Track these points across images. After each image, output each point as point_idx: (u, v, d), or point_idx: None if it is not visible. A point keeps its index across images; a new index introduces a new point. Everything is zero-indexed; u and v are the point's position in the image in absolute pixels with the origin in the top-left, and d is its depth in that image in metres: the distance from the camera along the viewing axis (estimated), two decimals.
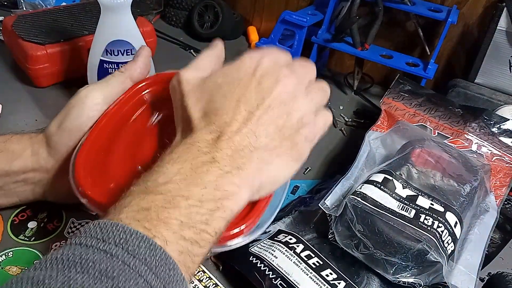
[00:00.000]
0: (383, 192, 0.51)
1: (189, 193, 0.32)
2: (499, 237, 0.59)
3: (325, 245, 0.51)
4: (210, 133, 0.37)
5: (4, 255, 0.51)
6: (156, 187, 0.32)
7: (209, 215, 0.32)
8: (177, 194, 0.32)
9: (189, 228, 0.31)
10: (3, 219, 0.55)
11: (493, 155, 0.61)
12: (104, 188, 0.42)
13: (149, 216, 0.30)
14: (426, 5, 0.80)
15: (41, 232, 0.54)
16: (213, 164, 0.34)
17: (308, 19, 0.81)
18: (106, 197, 0.40)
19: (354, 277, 0.48)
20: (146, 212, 0.31)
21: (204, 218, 0.32)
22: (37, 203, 0.58)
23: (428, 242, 0.46)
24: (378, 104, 0.76)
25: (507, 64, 0.77)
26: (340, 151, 0.75)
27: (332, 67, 1.00)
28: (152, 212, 0.30)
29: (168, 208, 0.31)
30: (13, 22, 0.74)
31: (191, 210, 0.32)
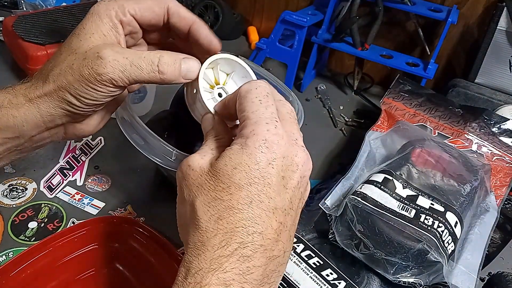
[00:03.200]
0: (383, 192, 0.51)
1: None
2: (499, 237, 0.59)
3: (326, 245, 0.51)
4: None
5: (5, 255, 0.51)
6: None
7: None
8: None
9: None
10: (4, 219, 0.55)
11: (493, 155, 0.61)
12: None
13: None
14: (426, 5, 0.80)
15: (42, 232, 0.54)
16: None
17: (308, 19, 0.81)
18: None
19: (354, 277, 0.48)
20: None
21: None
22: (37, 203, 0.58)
23: (428, 242, 0.46)
24: (378, 104, 0.76)
25: (507, 64, 0.77)
26: (340, 151, 0.75)
27: (332, 67, 1.00)
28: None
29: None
30: (14, 23, 0.74)
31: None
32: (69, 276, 0.48)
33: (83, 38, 0.40)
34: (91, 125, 0.45)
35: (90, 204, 0.59)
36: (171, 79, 0.40)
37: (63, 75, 0.39)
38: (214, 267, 0.29)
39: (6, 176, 0.61)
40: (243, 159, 0.32)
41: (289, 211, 0.33)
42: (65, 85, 0.39)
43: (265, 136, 0.32)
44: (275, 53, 0.85)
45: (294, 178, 0.33)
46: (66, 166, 0.64)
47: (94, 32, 0.40)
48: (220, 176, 0.32)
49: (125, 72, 0.38)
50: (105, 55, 0.38)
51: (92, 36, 0.40)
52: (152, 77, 0.39)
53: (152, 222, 0.57)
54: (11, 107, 0.40)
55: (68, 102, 0.40)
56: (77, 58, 0.39)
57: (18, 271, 0.46)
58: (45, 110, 0.40)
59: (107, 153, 0.68)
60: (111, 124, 0.71)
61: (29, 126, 0.40)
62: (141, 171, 0.65)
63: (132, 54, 0.39)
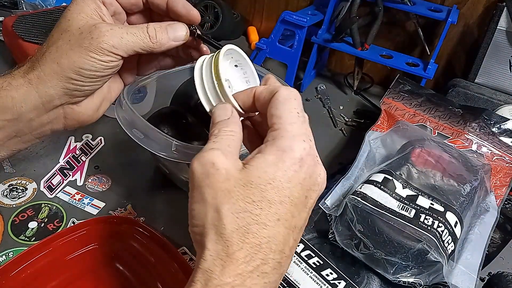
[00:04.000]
0: (383, 192, 0.51)
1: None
2: (499, 237, 0.59)
3: (325, 245, 0.51)
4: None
5: (5, 255, 0.51)
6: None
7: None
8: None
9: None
10: (4, 219, 0.55)
11: (493, 155, 0.61)
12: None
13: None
14: (426, 5, 0.80)
15: (42, 232, 0.54)
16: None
17: (308, 19, 0.81)
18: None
19: (354, 276, 0.48)
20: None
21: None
22: (37, 203, 0.58)
23: (428, 241, 0.46)
24: (378, 104, 0.76)
25: (507, 64, 0.77)
26: (340, 151, 0.75)
27: (332, 67, 1.00)
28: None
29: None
30: (14, 23, 0.74)
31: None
32: (69, 276, 0.48)
33: (71, 18, 0.41)
34: (90, 108, 0.46)
35: (90, 204, 0.59)
36: (162, 42, 0.42)
37: (60, 51, 0.40)
38: (237, 283, 0.29)
39: (6, 176, 0.61)
40: (277, 175, 0.32)
41: (302, 229, 0.34)
42: (64, 60, 0.40)
43: (301, 155, 0.33)
44: (275, 53, 0.85)
45: (314, 197, 0.34)
46: (66, 166, 0.64)
47: (81, 12, 0.41)
48: (252, 188, 0.31)
49: (122, 39, 0.40)
50: (101, 26, 0.40)
51: (79, 15, 0.41)
52: (146, 43, 0.42)
53: (152, 222, 0.57)
54: (10, 88, 0.41)
55: (68, 78, 0.41)
56: (72, 34, 0.41)
57: (18, 271, 0.46)
58: (43, 90, 0.41)
59: (107, 153, 0.68)
60: (111, 124, 0.71)
61: (28, 107, 0.41)
62: (141, 171, 0.65)
63: (124, 26, 0.43)
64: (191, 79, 0.63)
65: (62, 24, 0.42)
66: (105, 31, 0.40)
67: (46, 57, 0.41)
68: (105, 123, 0.71)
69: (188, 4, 0.45)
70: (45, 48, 0.41)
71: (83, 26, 0.41)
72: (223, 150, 0.33)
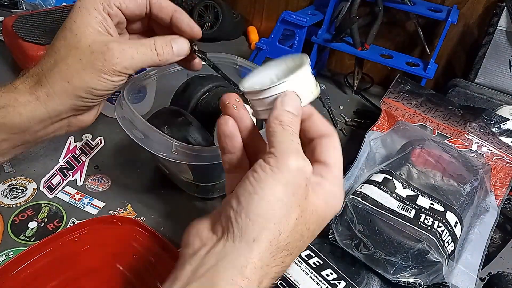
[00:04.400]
0: (383, 192, 0.51)
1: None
2: (499, 237, 0.59)
3: (326, 245, 0.51)
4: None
5: (5, 255, 0.51)
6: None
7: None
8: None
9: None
10: (4, 219, 0.55)
11: (493, 155, 0.61)
12: None
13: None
14: (426, 5, 0.80)
15: (42, 232, 0.54)
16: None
17: (308, 19, 0.81)
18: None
19: (354, 276, 0.48)
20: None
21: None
22: (37, 203, 0.58)
23: (428, 242, 0.46)
24: (378, 104, 0.76)
25: (507, 64, 0.77)
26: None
27: (332, 67, 1.00)
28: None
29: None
30: (13, 23, 0.74)
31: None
32: (69, 276, 0.48)
33: (78, 33, 0.41)
34: (92, 115, 0.47)
35: (90, 204, 0.59)
36: (167, 58, 0.43)
37: (71, 71, 0.40)
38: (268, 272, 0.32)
39: (6, 176, 0.61)
40: (327, 215, 0.35)
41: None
42: (76, 80, 0.40)
43: (341, 199, 0.36)
44: (275, 53, 0.85)
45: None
46: (66, 166, 0.64)
47: (88, 25, 0.41)
48: (313, 216, 0.34)
49: (133, 59, 0.41)
50: (113, 46, 0.40)
51: (86, 30, 0.41)
52: (154, 60, 0.43)
53: (152, 222, 0.57)
54: (17, 105, 0.40)
55: (79, 97, 0.41)
56: (82, 53, 0.40)
57: (18, 271, 0.46)
58: (52, 107, 0.41)
59: (107, 153, 0.68)
60: (111, 124, 0.71)
61: (35, 122, 0.41)
62: (141, 171, 0.65)
63: (133, 43, 0.42)
64: (191, 79, 0.63)
65: (69, 38, 0.41)
66: (118, 52, 0.40)
67: (56, 74, 0.40)
68: (105, 123, 0.71)
69: (191, 21, 0.45)
70: (52, 62, 0.41)
71: (93, 44, 0.40)
72: (308, 162, 0.35)
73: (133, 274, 0.50)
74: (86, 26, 0.41)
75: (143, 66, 0.42)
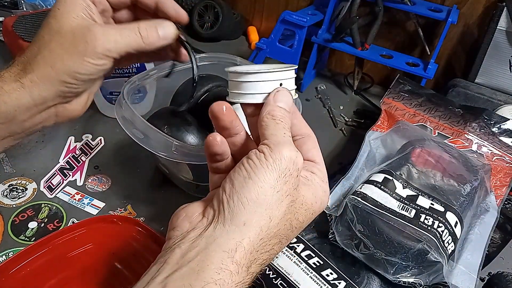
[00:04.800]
0: (383, 192, 0.51)
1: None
2: (499, 237, 0.59)
3: (326, 245, 0.51)
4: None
5: (5, 255, 0.51)
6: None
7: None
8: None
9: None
10: (4, 219, 0.55)
11: (493, 155, 0.61)
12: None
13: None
14: (426, 5, 0.80)
15: (42, 232, 0.54)
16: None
17: (308, 19, 0.81)
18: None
19: (354, 277, 0.48)
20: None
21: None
22: (37, 203, 0.58)
23: (428, 242, 0.46)
24: (378, 104, 0.76)
25: (507, 64, 0.77)
26: (340, 151, 0.75)
27: (332, 67, 1.00)
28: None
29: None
30: (14, 23, 0.74)
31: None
32: (68, 274, 0.48)
33: (61, 19, 0.41)
34: (80, 104, 0.46)
35: (90, 204, 0.59)
36: (151, 41, 0.43)
37: (54, 55, 0.40)
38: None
39: (6, 176, 0.61)
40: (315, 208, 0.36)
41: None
42: (59, 65, 0.40)
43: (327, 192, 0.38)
44: (275, 53, 0.85)
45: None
46: (66, 166, 0.64)
47: (71, 11, 0.41)
48: (302, 207, 0.35)
49: (116, 42, 0.41)
50: (95, 29, 0.40)
51: (69, 16, 0.41)
52: (138, 43, 0.42)
53: (152, 222, 0.57)
54: (2, 93, 0.40)
55: (63, 82, 0.41)
56: (65, 37, 0.40)
57: (17, 269, 0.46)
58: (37, 94, 0.41)
59: (107, 153, 0.68)
60: (111, 124, 0.71)
61: (21, 110, 0.41)
62: (141, 171, 0.65)
63: (117, 27, 0.42)
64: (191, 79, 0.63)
65: (53, 24, 0.41)
66: (100, 35, 0.40)
67: (39, 60, 0.40)
68: (105, 123, 0.71)
69: (176, 5, 0.45)
70: (36, 49, 0.41)
71: (75, 28, 0.41)
72: (299, 152, 0.36)
73: (132, 273, 0.50)
74: (69, 13, 0.41)
75: (128, 49, 0.42)
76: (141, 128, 0.51)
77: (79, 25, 0.41)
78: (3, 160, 0.63)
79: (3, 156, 0.64)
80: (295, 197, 0.34)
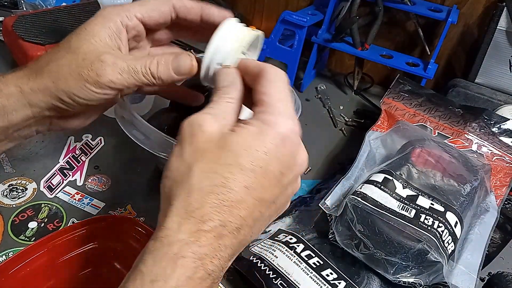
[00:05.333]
0: (383, 192, 0.51)
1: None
2: (499, 237, 0.59)
3: (326, 245, 0.51)
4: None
5: (5, 255, 0.51)
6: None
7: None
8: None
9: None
10: (4, 219, 0.55)
11: (493, 155, 0.61)
12: None
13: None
14: (426, 5, 0.80)
15: (42, 232, 0.54)
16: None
17: (308, 19, 0.81)
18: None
19: (354, 277, 0.48)
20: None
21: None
22: (37, 203, 0.58)
23: (428, 242, 0.46)
24: (378, 104, 0.76)
25: (507, 64, 0.77)
26: (340, 151, 0.75)
27: (332, 67, 1.00)
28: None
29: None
30: (14, 23, 0.74)
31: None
32: (68, 275, 0.48)
33: (83, 39, 0.40)
34: (77, 120, 0.46)
35: (90, 204, 0.59)
36: (163, 77, 0.41)
37: (60, 72, 0.40)
38: (191, 240, 0.30)
39: (6, 176, 0.61)
40: (256, 144, 0.32)
41: (272, 205, 0.34)
42: (61, 82, 0.40)
43: (286, 132, 0.33)
44: (275, 53, 0.85)
45: (290, 177, 0.34)
46: (66, 166, 0.64)
47: (96, 35, 0.40)
48: (227, 151, 0.32)
49: (123, 74, 0.39)
50: (105, 58, 0.39)
51: (93, 39, 0.40)
52: (147, 78, 0.40)
53: (152, 222, 0.57)
54: (1, 96, 0.40)
55: (60, 99, 0.40)
56: (76, 58, 0.40)
57: (17, 269, 0.46)
58: (35, 103, 0.41)
59: (107, 153, 0.68)
60: (111, 124, 0.71)
61: (18, 115, 0.41)
62: (141, 171, 0.65)
63: (130, 58, 0.41)
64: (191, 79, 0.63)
65: (72, 42, 0.41)
66: (107, 64, 0.39)
67: (45, 73, 0.40)
68: (105, 123, 0.71)
69: (221, 11, 0.44)
70: (47, 60, 0.41)
71: (89, 52, 0.40)
72: (215, 115, 0.34)
73: None
74: (93, 36, 0.40)
75: (134, 83, 0.40)
76: (141, 129, 0.51)
77: (94, 50, 0.40)
78: (3, 160, 0.63)
79: (3, 156, 0.64)
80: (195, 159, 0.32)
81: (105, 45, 0.41)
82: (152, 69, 0.40)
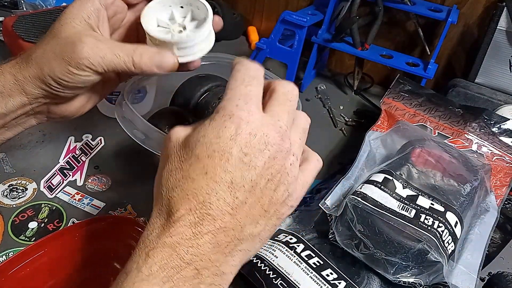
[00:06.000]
0: (383, 192, 0.51)
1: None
2: (499, 237, 0.59)
3: (326, 245, 0.51)
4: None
5: (5, 255, 0.51)
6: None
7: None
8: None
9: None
10: (4, 219, 0.55)
11: (493, 155, 0.61)
12: None
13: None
14: (426, 5, 0.80)
15: (42, 232, 0.54)
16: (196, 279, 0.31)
17: (308, 19, 0.81)
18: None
19: (354, 277, 0.48)
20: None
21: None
22: (37, 203, 0.58)
23: (428, 242, 0.46)
24: (378, 104, 0.76)
25: (507, 64, 0.77)
26: (340, 151, 0.75)
27: (332, 67, 1.00)
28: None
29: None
30: (14, 23, 0.74)
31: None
32: (68, 275, 0.48)
33: (64, 23, 0.42)
34: (75, 106, 0.46)
35: (90, 204, 0.59)
36: (144, 69, 0.42)
37: (45, 57, 0.41)
38: (161, 231, 0.31)
39: (6, 176, 0.61)
40: (207, 132, 0.32)
41: (252, 190, 0.32)
42: (46, 68, 0.41)
43: (232, 111, 0.33)
44: (275, 53, 0.85)
45: (260, 157, 0.32)
46: (66, 166, 0.64)
47: (76, 17, 0.42)
48: (185, 148, 0.33)
49: (104, 58, 0.40)
50: (87, 40, 0.40)
51: (73, 21, 0.42)
52: (128, 66, 0.41)
53: None
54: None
55: (48, 84, 0.42)
56: (59, 42, 0.41)
57: (17, 269, 0.46)
58: (29, 90, 0.42)
59: (107, 153, 0.68)
60: (111, 124, 0.71)
61: (15, 102, 0.42)
62: (141, 171, 0.65)
63: (113, 43, 0.42)
64: (191, 79, 0.63)
65: (55, 27, 0.42)
66: (88, 47, 0.40)
67: (33, 60, 0.42)
68: (105, 123, 0.71)
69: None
70: (34, 49, 0.42)
71: (71, 35, 0.41)
72: (187, 126, 0.35)
73: None
74: (73, 18, 0.42)
75: (115, 68, 0.41)
76: (142, 128, 0.51)
77: (76, 33, 0.41)
78: (3, 160, 0.63)
79: (3, 156, 0.64)
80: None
81: (85, 26, 0.42)
82: (135, 59, 0.41)
